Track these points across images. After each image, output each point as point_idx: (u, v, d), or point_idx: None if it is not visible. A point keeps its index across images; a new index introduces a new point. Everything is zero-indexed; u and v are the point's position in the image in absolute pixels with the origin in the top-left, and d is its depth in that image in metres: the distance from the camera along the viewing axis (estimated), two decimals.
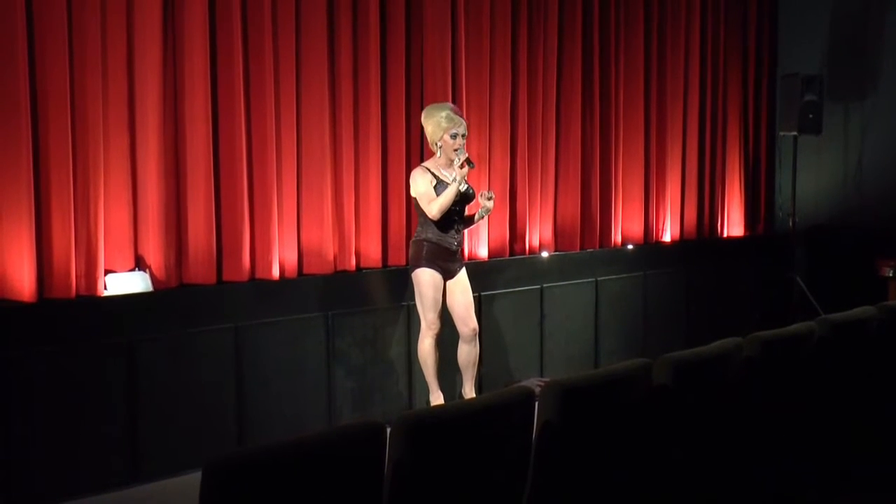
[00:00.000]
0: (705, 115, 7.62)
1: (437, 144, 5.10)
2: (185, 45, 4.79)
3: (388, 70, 5.61)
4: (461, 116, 5.16)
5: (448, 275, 5.13)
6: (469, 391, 5.22)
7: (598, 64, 6.75)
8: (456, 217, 5.12)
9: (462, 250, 5.28)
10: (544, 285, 6.28)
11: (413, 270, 5.11)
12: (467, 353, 5.19)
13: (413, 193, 5.11)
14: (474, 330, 5.19)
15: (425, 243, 5.07)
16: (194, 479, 2.13)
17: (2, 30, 4.24)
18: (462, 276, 5.20)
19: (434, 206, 4.98)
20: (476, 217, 5.23)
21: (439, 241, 5.07)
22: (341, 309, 5.24)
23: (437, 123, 5.07)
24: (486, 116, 6.09)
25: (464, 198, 5.11)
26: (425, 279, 5.06)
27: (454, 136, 5.05)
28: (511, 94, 6.24)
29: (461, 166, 5.02)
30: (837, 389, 3.84)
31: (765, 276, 7.65)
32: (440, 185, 5.04)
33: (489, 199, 5.11)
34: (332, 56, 5.35)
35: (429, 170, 5.09)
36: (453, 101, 5.75)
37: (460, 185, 5.00)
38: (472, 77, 6.00)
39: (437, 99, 5.62)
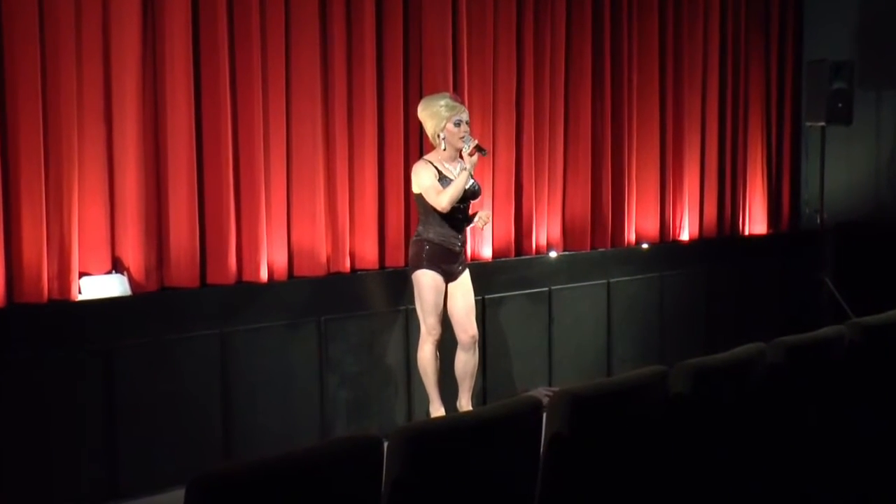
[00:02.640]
0: (725, 103, 7.61)
1: (439, 136, 5.09)
2: (166, 26, 4.79)
3: (384, 55, 5.61)
4: (462, 103, 5.16)
5: (450, 277, 5.12)
6: (465, 404, 5.22)
7: (609, 49, 6.75)
8: (460, 215, 5.12)
9: (465, 250, 5.28)
10: (552, 287, 6.27)
11: (413, 272, 5.11)
12: (465, 363, 5.19)
13: (416, 189, 5.10)
14: (474, 337, 5.19)
15: (426, 244, 5.06)
16: (176, 496, 2.13)
17: None
18: (464, 278, 5.19)
19: (444, 198, 4.96)
20: (475, 220, 5.23)
21: (442, 242, 5.07)
22: (335, 313, 5.24)
23: (437, 113, 5.06)
24: (489, 105, 6.08)
25: (469, 195, 5.10)
26: (426, 282, 5.06)
27: (458, 124, 5.04)
28: (516, 80, 6.24)
29: (471, 153, 5.00)
30: (870, 398, 3.84)
31: (790, 277, 7.64)
32: (443, 181, 5.03)
33: (484, 223, 5.25)
34: (324, 40, 5.35)
35: (431, 163, 5.08)
36: (454, 89, 5.75)
37: (471, 172, 4.98)
38: (474, 62, 6.00)
39: (438, 86, 5.62)
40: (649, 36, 7.02)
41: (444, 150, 5.09)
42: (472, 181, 5.07)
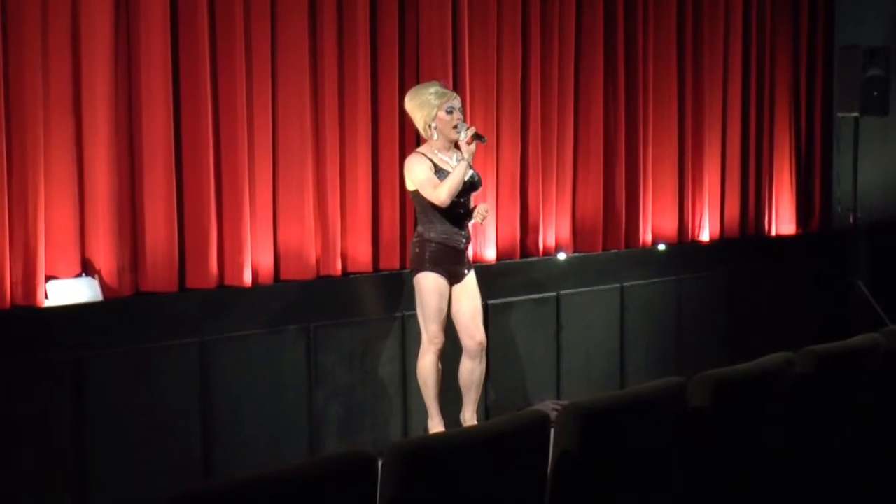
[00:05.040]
0: (750, 92, 7.62)
1: (430, 126, 5.09)
2: (142, 12, 4.78)
3: (378, 43, 5.61)
4: (452, 90, 5.17)
5: (455, 279, 5.13)
6: (470, 417, 5.23)
7: (623, 34, 6.75)
8: (461, 210, 5.12)
9: (470, 249, 5.28)
10: (561, 292, 6.28)
11: (415, 275, 5.11)
12: (471, 371, 5.19)
13: (411, 185, 5.10)
14: (481, 343, 5.19)
15: (429, 244, 5.07)
16: None
17: None
18: (470, 280, 5.20)
19: (443, 191, 4.96)
20: (474, 215, 5.23)
21: (445, 241, 5.07)
22: (325, 320, 5.24)
23: (427, 102, 5.07)
24: (492, 97, 6.09)
25: (469, 187, 5.10)
26: (429, 285, 5.06)
27: (450, 111, 5.05)
28: (522, 69, 6.24)
29: (469, 142, 5.00)
30: None
31: (820, 281, 7.65)
32: (440, 174, 5.03)
33: (483, 218, 5.21)
34: (313, 26, 5.35)
35: (425, 156, 5.09)
36: (454, 80, 5.76)
37: (469, 162, 4.98)
38: (476, 51, 6.00)
39: (436, 77, 5.62)
40: (666, 17, 7.02)
41: (436, 139, 5.09)
42: (471, 171, 5.07)
